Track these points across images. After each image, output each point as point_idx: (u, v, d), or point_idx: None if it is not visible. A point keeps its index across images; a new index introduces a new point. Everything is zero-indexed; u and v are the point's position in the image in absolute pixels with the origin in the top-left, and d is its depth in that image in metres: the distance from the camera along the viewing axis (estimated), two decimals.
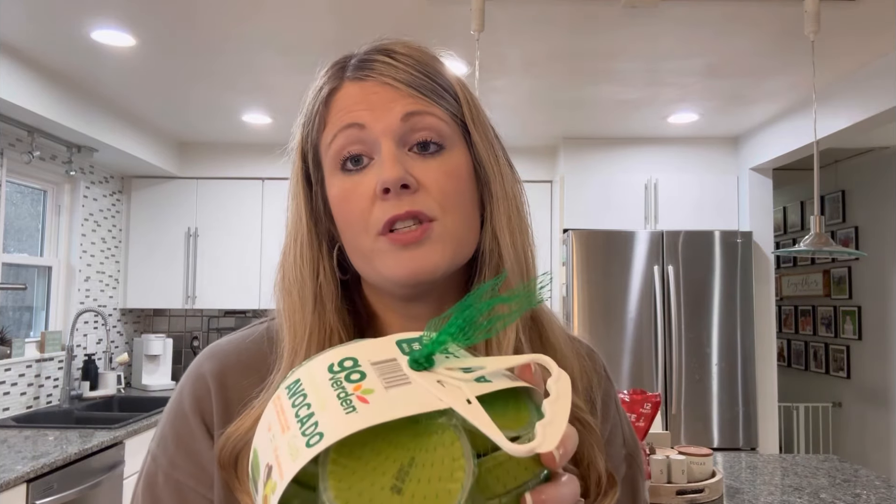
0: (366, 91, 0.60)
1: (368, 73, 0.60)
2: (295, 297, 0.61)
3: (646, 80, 3.22)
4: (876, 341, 4.51)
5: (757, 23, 2.57)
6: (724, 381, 3.86)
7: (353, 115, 0.59)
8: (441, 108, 0.60)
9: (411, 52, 0.62)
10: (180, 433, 0.62)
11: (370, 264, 0.59)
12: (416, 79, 0.60)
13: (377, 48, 0.62)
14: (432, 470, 0.35)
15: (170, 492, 0.61)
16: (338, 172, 0.60)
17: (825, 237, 2.19)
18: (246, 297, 4.37)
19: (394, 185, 0.56)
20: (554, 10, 2.47)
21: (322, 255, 0.63)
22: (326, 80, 0.63)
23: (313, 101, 0.63)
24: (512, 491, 0.38)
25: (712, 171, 4.28)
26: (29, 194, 3.72)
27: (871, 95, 3.01)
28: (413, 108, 0.59)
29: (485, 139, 0.63)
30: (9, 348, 3.31)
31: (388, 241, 0.57)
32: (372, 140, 0.58)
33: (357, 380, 0.38)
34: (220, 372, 0.63)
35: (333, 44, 2.78)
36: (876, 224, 4.52)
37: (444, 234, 0.58)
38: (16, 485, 2.27)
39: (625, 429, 0.71)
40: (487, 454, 0.38)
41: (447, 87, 0.62)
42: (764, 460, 2.62)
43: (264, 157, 4.47)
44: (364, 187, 0.58)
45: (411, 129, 0.59)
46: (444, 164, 0.59)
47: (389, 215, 0.57)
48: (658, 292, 3.86)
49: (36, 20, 2.56)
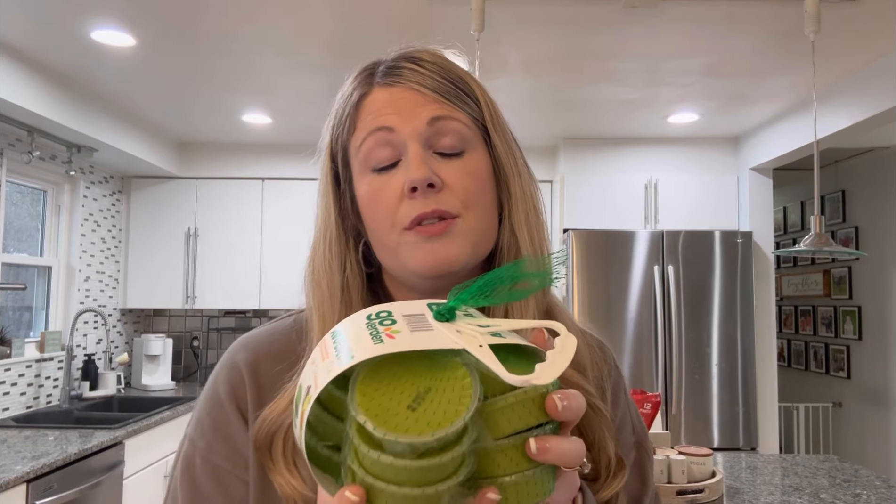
0: (394, 96, 0.64)
1: (396, 80, 0.64)
2: (324, 288, 0.65)
3: (646, 80, 3.22)
4: (876, 341, 4.51)
5: (757, 23, 2.57)
6: (724, 381, 3.86)
7: (383, 119, 0.63)
8: (464, 113, 0.64)
9: (436, 60, 0.66)
10: (216, 419, 0.66)
11: (396, 257, 0.63)
12: (440, 85, 0.64)
13: (404, 56, 0.66)
14: (444, 395, 0.41)
15: (207, 473, 0.64)
16: (367, 172, 0.64)
17: (825, 237, 2.19)
18: (246, 297, 4.37)
19: (420, 185, 0.60)
20: (554, 10, 2.47)
21: (349, 250, 0.67)
22: (356, 85, 0.67)
23: (343, 105, 0.67)
24: (519, 433, 0.43)
25: (712, 171, 4.28)
26: (29, 194, 3.72)
27: (871, 95, 3.01)
28: (438, 113, 0.63)
29: (504, 141, 0.67)
30: (9, 348, 3.31)
31: (414, 234, 0.61)
32: (400, 142, 0.62)
33: (388, 324, 0.45)
34: (253, 361, 0.67)
35: (333, 44, 2.79)
36: (876, 224, 4.52)
37: (465, 229, 0.62)
38: (16, 485, 2.27)
39: (634, 417, 0.75)
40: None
41: (469, 93, 0.66)
42: (764, 460, 2.62)
43: (264, 157, 4.48)
44: (392, 186, 0.62)
45: (436, 132, 0.63)
46: (466, 164, 0.63)
47: (416, 213, 0.61)
48: (658, 292, 3.85)
49: (36, 20, 2.56)
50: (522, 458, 0.43)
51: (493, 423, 0.42)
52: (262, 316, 4.71)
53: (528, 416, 0.43)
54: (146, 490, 3.22)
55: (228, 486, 0.64)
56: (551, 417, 0.44)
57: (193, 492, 0.64)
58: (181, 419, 3.58)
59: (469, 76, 0.67)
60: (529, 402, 0.43)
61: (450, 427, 0.39)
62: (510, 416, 0.42)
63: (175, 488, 0.66)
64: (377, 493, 0.40)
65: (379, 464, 0.40)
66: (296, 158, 4.49)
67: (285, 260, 4.40)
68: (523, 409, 0.43)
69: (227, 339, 4.71)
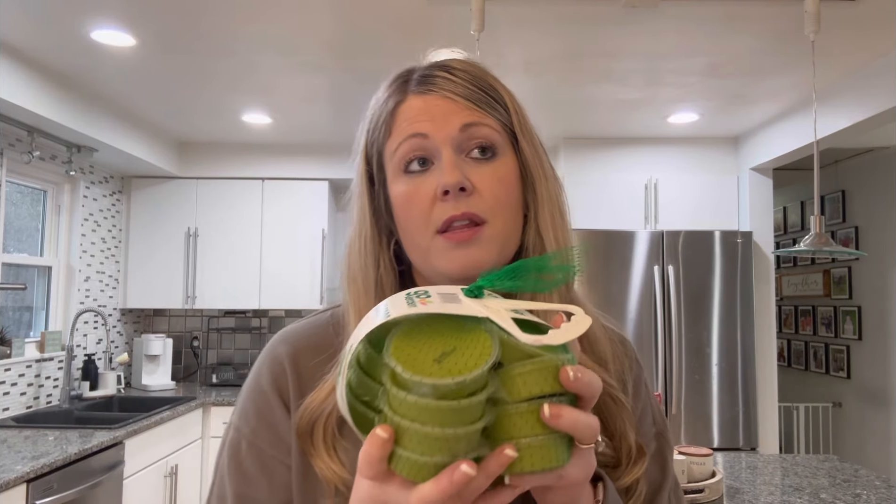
0: (428, 104, 0.67)
1: (430, 88, 0.68)
2: (360, 285, 0.69)
3: (646, 79, 3.22)
4: (876, 341, 4.51)
5: (757, 23, 2.57)
6: (724, 381, 3.86)
7: (417, 126, 0.66)
8: (493, 119, 0.68)
9: (467, 68, 0.70)
10: (260, 407, 0.71)
11: (426, 259, 0.67)
12: (472, 92, 0.67)
13: (437, 64, 0.70)
14: (466, 353, 0.47)
15: (252, 458, 0.69)
16: (401, 175, 0.68)
17: (825, 237, 2.19)
18: (246, 297, 4.37)
19: (452, 188, 0.64)
20: (554, 9, 2.47)
21: (382, 248, 0.71)
22: (391, 92, 0.70)
23: (380, 111, 0.70)
24: (535, 398, 0.47)
25: (712, 171, 4.28)
26: (29, 194, 3.72)
27: (871, 95, 3.01)
28: (470, 120, 0.66)
29: (531, 146, 0.70)
30: (9, 348, 3.31)
31: (444, 240, 0.65)
32: (433, 148, 0.66)
33: (423, 297, 0.51)
34: (293, 353, 0.72)
35: (333, 44, 2.79)
36: (876, 224, 4.52)
37: (493, 235, 0.65)
38: (16, 485, 2.27)
39: (654, 409, 0.78)
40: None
41: (499, 99, 0.69)
42: (764, 460, 2.62)
43: (264, 157, 4.48)
44: (425, 189, 0.66)
45: (468, 137, 0.66)
46: (496, 169, 0.67)
47: (448, 215, 0.64)
48: (658, 292, 3.85)
49: (36, 20, 2.56)
50: (538, 423, 0.47)
51: (512, 387, 0.47)
52: (262, 316, 4.71)
53: (543, 384, 0.48)
54: (146, 490, 3.22)
55: (273, 471, 0.68)
56: (565, 388, 0.48)
57: (240, 475, 0.69)
58: (181, 419, 3.58)
59: (499, 83, 0.71)
60: (545, 371, 0.48)
61: (468, 374, 0.45)
62: (527, 380, 0.47)
63: (222, 475, 0.70)
64: (403, 431, 0.46)
65: (406, 403, 0.45)
66: (296, 158, 4.49)
67: (285, 260, 4.40)
68: (539, 376, 0.48)
69: (227, 339, 4.72)
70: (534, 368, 0.48)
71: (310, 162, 4.48)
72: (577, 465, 0.51)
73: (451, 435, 0.45)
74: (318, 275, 4.40)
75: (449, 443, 0.45)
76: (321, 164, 4.47)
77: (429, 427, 0.45)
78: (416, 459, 0.46)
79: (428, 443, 0.45)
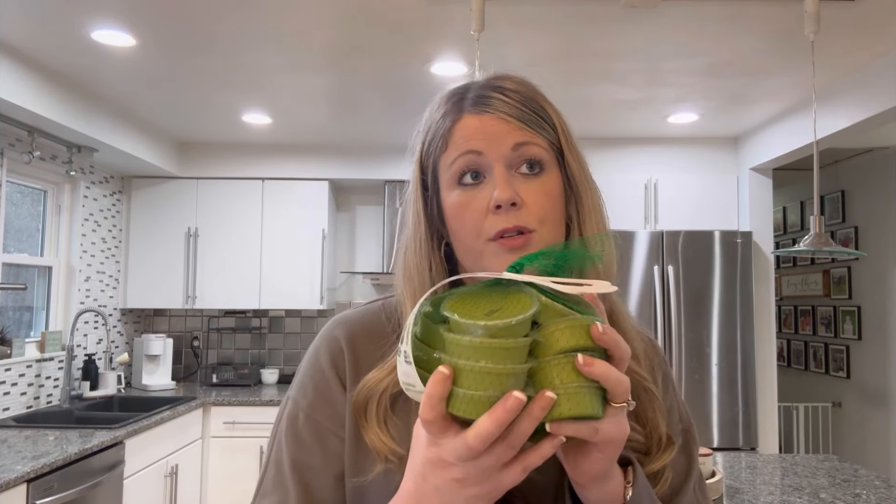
0: (483, 123, 0.73)
1: (485, 109, 0.73)
2: (416, 283, 0.76)
3: (646, 80, 3.22)
4: (876, 341, 4.51)
5: (757, 23, 2.57)
6: (724, 381, 3.86)
7: (473, 144, 0.72)
8: (542, 138, 0.74)
9: (520, 89, 0.75)
10: (318, 383, 0.78)
11: (479, 262, 0.73)
12: (523, 113, 0.73)
13: (492, 85, 0.75)
14: (511, 308, 0.53)
15: (309, 429, 0.76)
16: (455, 186, 0.73)
17: (825, 237, 2.19)
18: (246, 297, 4.37)
19: (505, 203, 0.70)
20: (554, 9, 2.47)
21: (434, 250, 0.77)
22: (448, 108, 0.76)
23: (437, 126, 0.76)
24: (570, 351, 0.54)
25: (712, 171, 4.28)
26: (29, 194, 3.72)
27: (871, 95, 3.01)
28: (521, 140, 0.72)
29: (577, 162, 0.77)
30: (9, 348, 3.31)
31: (498, 245, 0.71)
32: (487, 164, 0.72)
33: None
34: (350, 336, 0.79)
35: (333, 44, 2.79)
36: (876, 224, 4.52)
37: (540, 242, 0.71)
38: (16, 485, 2.27)
39: (681, 406, 0.84)
40: None
41: (547, 119, 0.75)
42: (764, 460, 2.62)
43: (264, 157, 4.48)
44: (479, 201, 0.72)
45: (518, 155, 0.72)
46: (543, 185, 0.72)
47: (500, 227, 0.70)
48: (658, 292, 3.86)
49: (36, 20, 2.56)
50: (574, 372, 0.53)
51: (552, 341, 0.54)
52: (262, 316, 4.71)
53: (578, 337, 0.54)
54: (146, 490, 3.22)
55: (327, 442, 0.75)
56: (596, 343, 0.55)
57: (297, 444, 0.76)
58: (181, 419, 3.58)
59: (548, 103, 0.77)
60: (578, 327, 0.54)
61: (513, 318, 0.51)
62: (563, 334, 0.54)
63: (279, 442, 0.77)
64: (460, 371, 0.52)
65: (461, 345, 0.52)
66: (296, 158, 4.49)
67: (285, 260, 4.40)
68: (573, 331, 0.54)
69: (228, 339, 4.72)
70: (568, 325, 0.54)
71: (310, 162, 4.48)
72: (610, 423, 0.56)
73: (502, 370, 0.51)
74: (318, 275, 4.40)
75: (500, 378, 0.51)
76: (321, 164, 4.47)
77: (482, 362, 0.51)
78: (472, 395, 0.51)
79: (482, 378, 0.51)
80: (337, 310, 4.74)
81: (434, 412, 0.52)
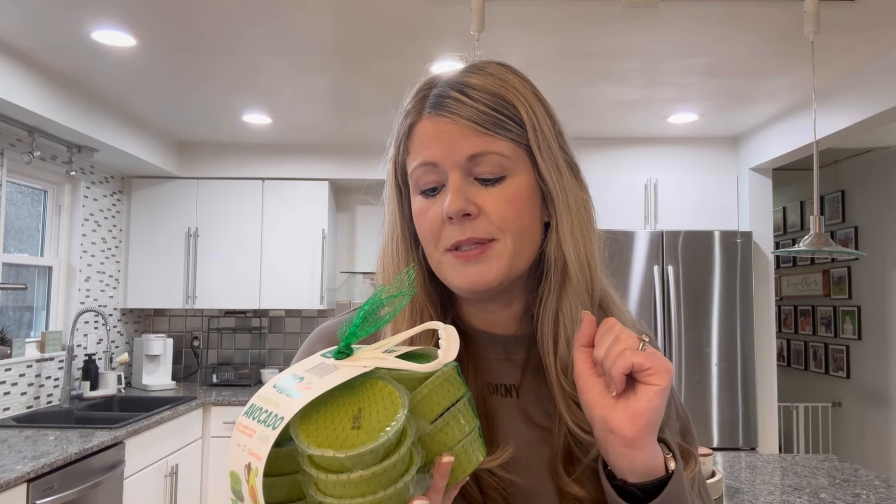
0: (439, 129, 0.69)
1: (441, 112, 0.69)
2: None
3: (646, 80, 3.22)
4: (875, 341, 4.52)
5: (757, 23, 2.57)
6: (724, 381, 3.86)
7: (428, 154, 0.69)
8: (505, 141, 0.68)
9: (485, 84, 0.70)
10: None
11: (440, 272, 0.71)
12: (483, 115, 0.68)
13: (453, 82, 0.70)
14: (378, 406, 0.47)
15: None
16: (417, 193, 0.72)
17: (825, 237, 2.19)
18: (246, 297, 4.38)
19: (455, 215, 0.67)
20: (554, 10, 2.47)
21: (411, 249, 0.75)
22: (411, 107, 0.73)
23: (400, 127, 0.74)
24: (445, 411, 0.50)
25: (712, 171, 4.28)
26: (29, 194, 3.72)
27: (871, 95, 3.01)
28: (477, 150, 0.68)
29: (548, 160, 0.71)
30: (9, 348, 3.31)
31: (453, 257, 0.69)
32: (443, 172, 0.69)
33: (298, 383, 0.48)
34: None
35: (333, 44, 2.79)
36: (876, 224, 4.52)
37: (502, 251, 0.68)
38: (16, 485, 2.27)
39: (678, 404, 0.81)
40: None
41: (515, 117, 0.69)
42: (764, 460, 2.62)
43: (264, 157, 4.48)
44: (435, 210, 0.69)
45: (476, 164, 0.68)
46: (503, 191, 0.68)
47: (454, 240, 0.68)
48: (658, 292, 3.86)
49: (36, 20, 2.56)
50: (456, 430, 0.51)
51: (424, 411, 0.50)
52: (262, 316, 4.71)
53: (447, 394, 0.51)
54: (146, 490, 3.22)
55: None
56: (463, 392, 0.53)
57: None
58: (181, 419, 3.58)
59: (519, 98, 0.70)
60: (445, 383, 0.51)
61: (395, 424, 0.45)
62: (434, 400, 0.50)
63: None
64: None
65: (340, 483, 0.44)
66: (296, 158, 4.49)
67: (285, 260, 4.40)
68: (442, 389, 0.51)
69: (228, 339, 4.72)
70: (435, 386, 0.50)
71: (310, 162, 4.48)
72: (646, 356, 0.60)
73: (400, 489, 0.45)
74: (318, 275, 4.40)
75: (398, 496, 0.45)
76: (321, 164, 4.47)
77: (369, 497, 0.44)
78: None
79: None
80: (337, 310, 4.74)
81: None
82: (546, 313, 0.71)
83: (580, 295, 0.71)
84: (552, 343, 0.70)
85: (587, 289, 0.72)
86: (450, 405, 0.51)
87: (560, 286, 0.71)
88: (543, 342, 0.71)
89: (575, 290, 0.71)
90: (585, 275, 0.72)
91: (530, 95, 0.72)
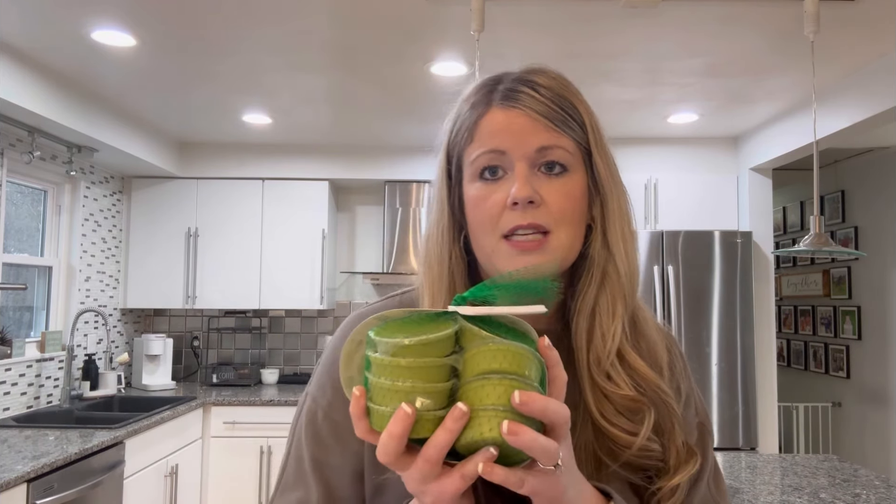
0: (510, 119, 0.72)
1: (513, 104, 0.72)
2: (435, 272, 0.76)
3: (646, 80, 3.22)
4: (875, 341, 4.52)
5: (757, 23, 2.57)
6: (724, 381, 3.86)
7: (497, 141, 0.72)
8: (569, 138, 0.73)
9: (552, 85, 0.75)
10: (336, 382, 0.76)
11: (490, 260, 0.73)
12: (552, 111, 0.72)
13: (523, 79, 0.75)
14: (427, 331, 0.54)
15: (328, 427, 0.76)
16: (477, 179, 0.73)
17: (825, 237, 2.19)
18: (246, 297, 4.38)
19: (522, 201, 0.70)
20: (554, 10, 2.47)
21: (454, 240, 0.76)
22: (478, 99, 0.75)
23: (465, 117, 0.75)
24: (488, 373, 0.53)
25: (712, 171, 4.28)
26: (29, 194, 3.72)
27: (871, 95, 3.01)
28: (546, 143, 0.71)
29: (605, 163, 0.76)
30: (9, 348, 3.31)
31: (510, 245, 0.71)
32: (509, 161, 0.72)
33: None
34: None
35: (333, 44, 2.79)
36: (876, 224, 4.52)
37: (556, 245, 0.71)
38: (16, 485, 2.27)
39: (697, 400, 0.85)
40: None
41: (577, 118, 0.74)
42: (764, 460, 2.62)
43: (264, 157, 4.48)
44: (497, 196, 0.71)
45: (542, 156, 0.72)
46: (564, 185, 0.72)
47: (515, 223, 0.70)
48: (658, 292, 3.86)
49: (36, 20, 2.56)
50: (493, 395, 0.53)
51: (473, 364, 0.54)
52: (262, 316, 4.71)
53: (491, 362, 0.54)
54: (146, 490, 3.22)
55: (346, 441, 0.74)
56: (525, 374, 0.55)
57: (316, 442, 0.76)
58: (181, 419, 3.58)
59: (580, 101, 0.76)
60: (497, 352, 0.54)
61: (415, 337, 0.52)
62: (481, 361, 0.54)
63: (300, 438, 0.78)
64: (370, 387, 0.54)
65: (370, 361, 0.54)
66: (296, 158, 4.49)
67: (285, 260, 4.40)
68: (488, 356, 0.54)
69: (228, 339, 4.72)
70: (485, 349, 0.54)
71: (310, 162, 4.48)
72: (538, 479, 0.54)
73: (400, 388, 0.52)
74: (318, 275, 4.40)
75: (399, 395, 0.52)
76: (321, 164, 4.47)
77: (382, 379, 0.52)
78: (376, 409, 0.53)
79: (382, 394, 0.53)
80: (337, 310, 4.74)
81: (358, 428, 0.54)
82: (584, 307, 0.74)
83: (620, 292, 0.73)
84: (586, 336, 0.73)
85: (631, 289, 0.75)
86: (496, 371, 0.53)
87: (600, 282, 0.74)
88: (577, 336, 0.74)
89: (613, 286, 0.73)
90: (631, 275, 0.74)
91: (586, 101, 0.77)
